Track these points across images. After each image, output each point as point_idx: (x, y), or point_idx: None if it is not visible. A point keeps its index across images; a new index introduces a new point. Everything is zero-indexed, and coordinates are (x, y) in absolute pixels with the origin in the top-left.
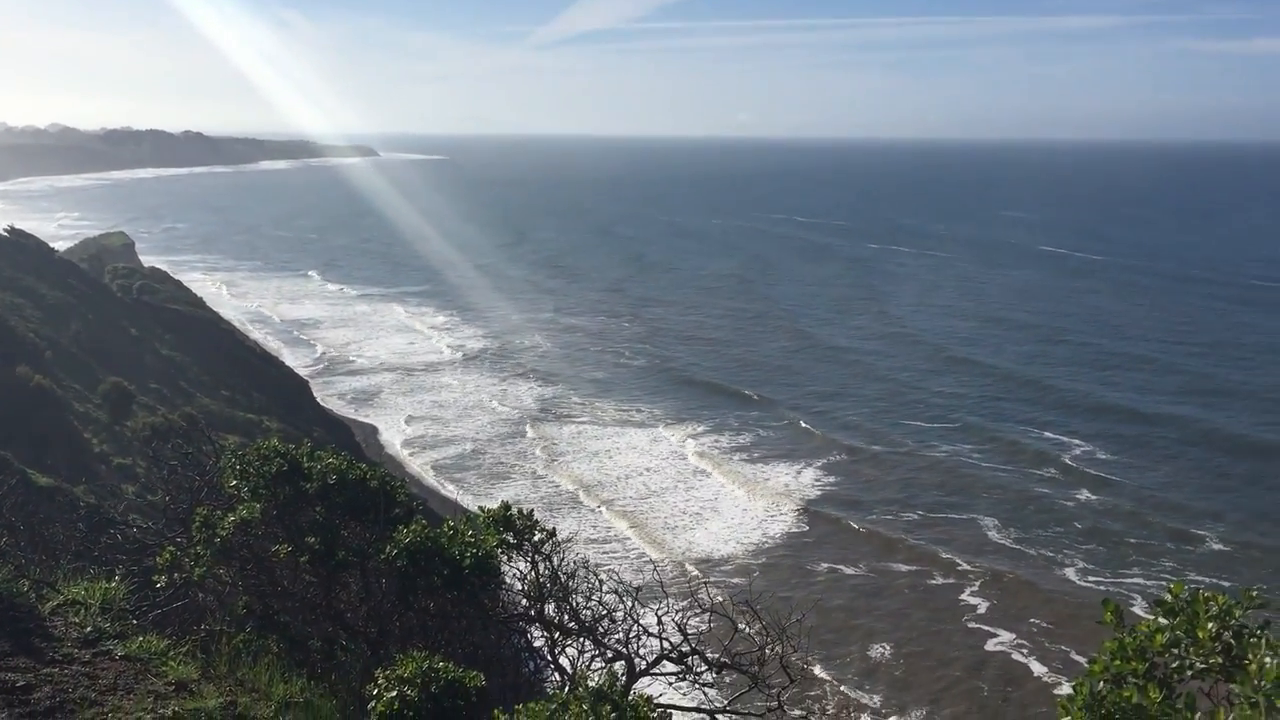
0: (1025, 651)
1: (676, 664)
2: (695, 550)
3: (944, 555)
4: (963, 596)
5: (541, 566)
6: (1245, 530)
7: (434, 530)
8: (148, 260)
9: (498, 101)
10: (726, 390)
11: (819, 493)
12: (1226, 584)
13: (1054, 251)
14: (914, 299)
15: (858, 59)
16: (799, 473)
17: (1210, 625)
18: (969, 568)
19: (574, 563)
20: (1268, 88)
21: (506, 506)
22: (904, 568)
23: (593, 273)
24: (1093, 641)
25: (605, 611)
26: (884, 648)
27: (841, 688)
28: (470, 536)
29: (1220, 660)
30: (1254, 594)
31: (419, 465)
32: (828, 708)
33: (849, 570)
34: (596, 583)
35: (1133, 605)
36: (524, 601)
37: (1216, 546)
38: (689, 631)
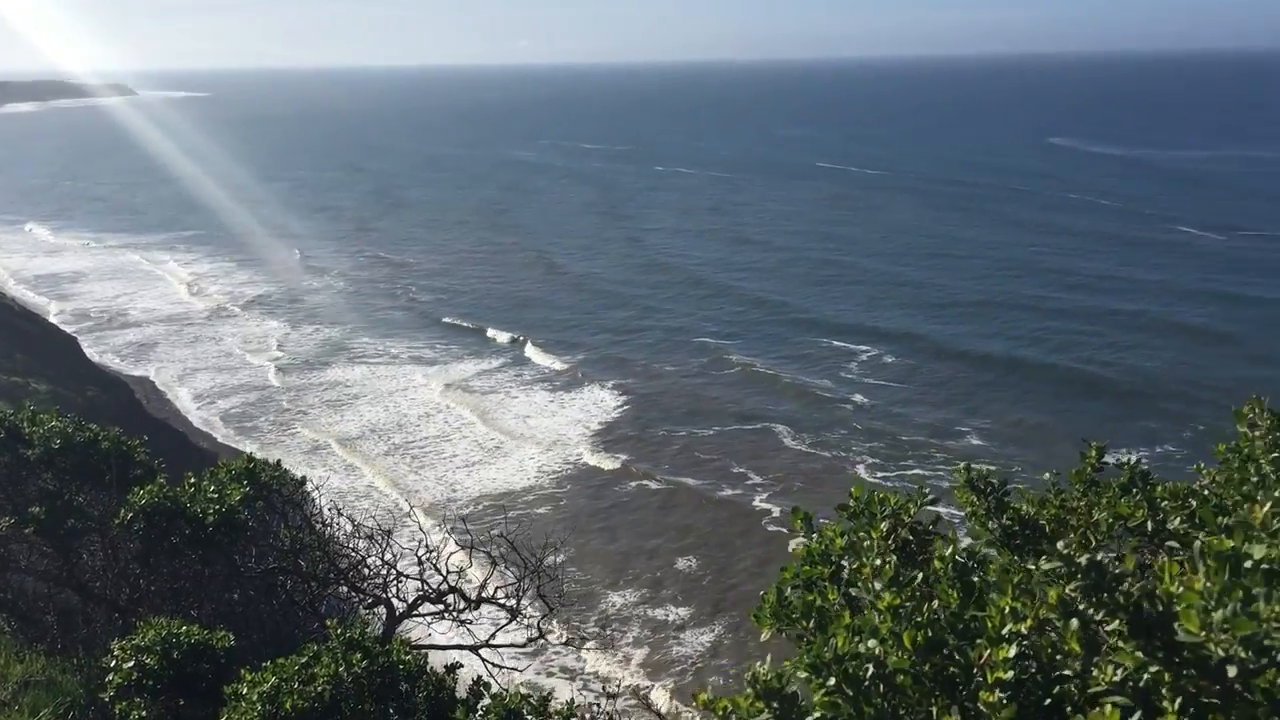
0: None
1: (435, 604)
2: (462, 492)
3: (736, 468)
4: (758, 503)
5: (294, 517)
6: (995, 426)
7: (174, 489)
8: None
9: (269, 34)
10: (484, 329)
11: (598, 422)
12: (991, 467)
13: (831, 168)
14: (699, 221)
15: None
16: (572, 405)
17: (884, 525)
18: (761, 477)
19: (329, 511)
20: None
21: (250, 458)
22: (693, 483)
23: (347, 212)
24: None
25: (361, 558)
26: (690, 561)
27: (648, 608)
28: (213, 492)
29: (895, 558)
30: (926, 492)
31: (207, 417)
32: (632, 630)
33: (639, 495)
34: (353, 529)
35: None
36: (279, 554)
37: (976, 441)
38: (448, 571)
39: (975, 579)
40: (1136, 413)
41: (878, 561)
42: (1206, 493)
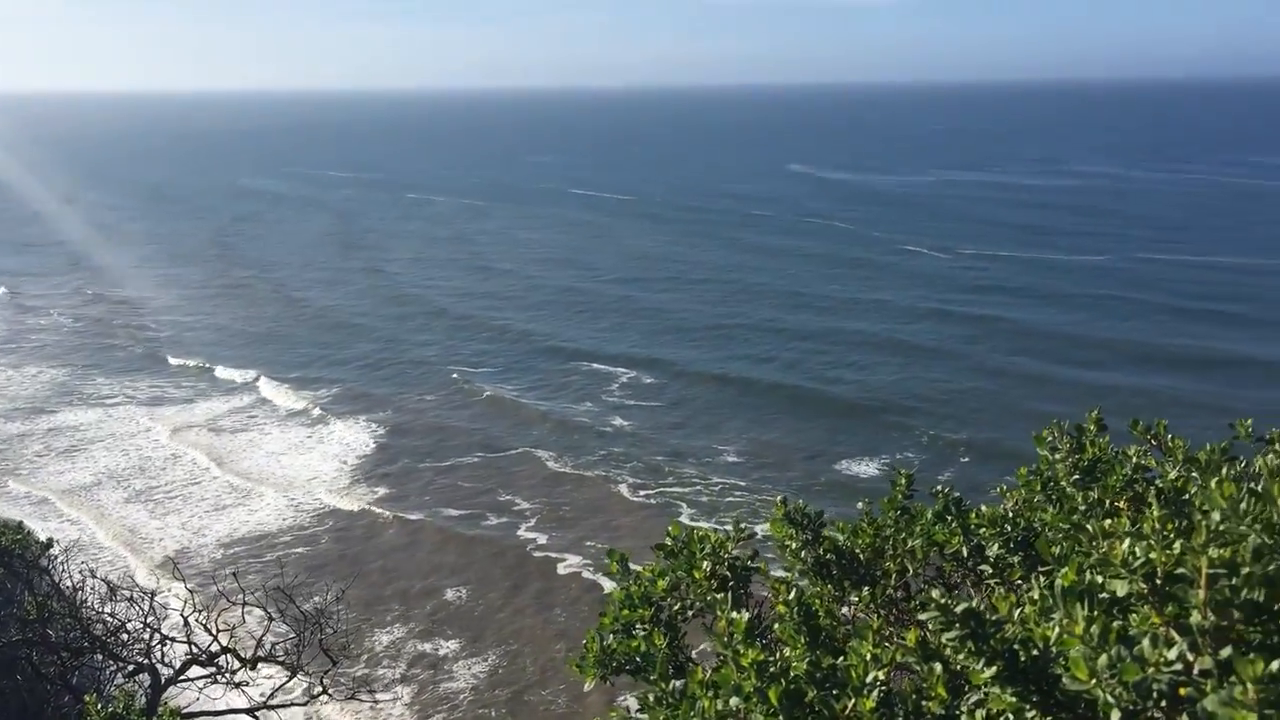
0: (593, 570)
1: (206, 666)
2: (212, 538)
3: (500, 498)
4: (523, 531)
5: (40, 583)
6: (741, 444)
7: None
8: None
9: (23, 53)
10: (225, 367)
11: (355, 456)
12: (743, 484)
13: (580, 194)
14: (447, 249)
15: (384, 8)
16: (325, 442)
17: (705, 564)
18: (526, 504)
19: (82, 574)
20: (754, 33)
21: None
22: (455, 512)
23: (63, 245)
24: (656, 537)
25: (121, 623)
26: (459, 593)
27: (418, 643)
28: None
29: (719, 596)
30: (742, 527)
31: None
32: (400, 667)
33: (401, 530)
34: (108, 592)
35: (679, 512)
36: (22, 625)
37: (731, 459)
38: (218, 630)
39: (820, 622)
40: (866, 426)
41: (734, 614)
42: (1013, 514)
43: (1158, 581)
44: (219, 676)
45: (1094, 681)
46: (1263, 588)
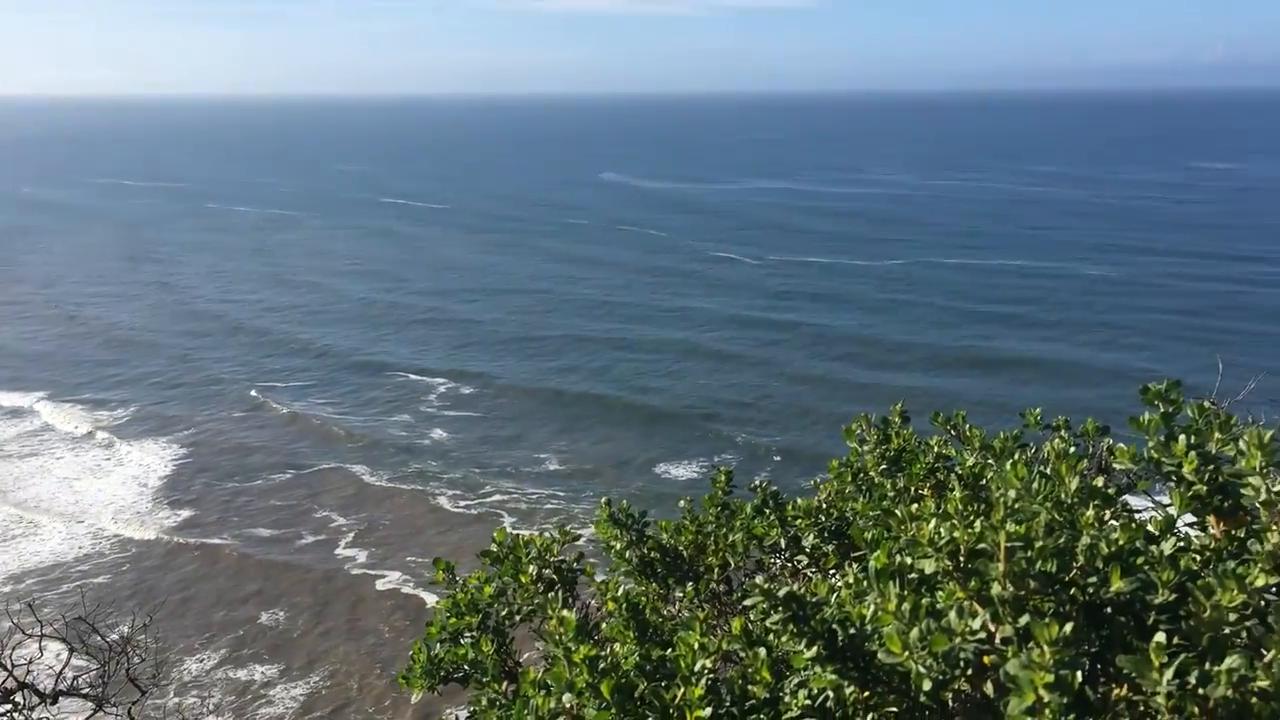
0: (413, 584)
1: (2, 704)
2: (9, 576)
3: (316, 515)
4: (342, 549)
5: None
6: (557, 453)
7: None
8: None
9: None
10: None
11: (157, 478)
12: (562, 493)
13: (391, 204)
14: (245, 262)
15: (174, 8)
16: (122, 464)
17: (531, 568)
18: (342, 519)
19: None
20: (565, 42)
21: None
22: (266, 533)
23: None
24: (479, 547)
25: None
26: (276, 615)
27: (230, 670)
28: None
29: (549, 596)
30: (567, 530)
31: None
32: (214, 696)
33: (209, 554)
34: None
35: (501, 522)
36: None
37: (554, 467)
38: (13, 665)
39: (648, 617)
40: (679, 431)
41: (564, 613)
42: (826, 505)
43: (961, 559)
44: (15, 714)
45: (907, 654)
46: (1054, 559)
